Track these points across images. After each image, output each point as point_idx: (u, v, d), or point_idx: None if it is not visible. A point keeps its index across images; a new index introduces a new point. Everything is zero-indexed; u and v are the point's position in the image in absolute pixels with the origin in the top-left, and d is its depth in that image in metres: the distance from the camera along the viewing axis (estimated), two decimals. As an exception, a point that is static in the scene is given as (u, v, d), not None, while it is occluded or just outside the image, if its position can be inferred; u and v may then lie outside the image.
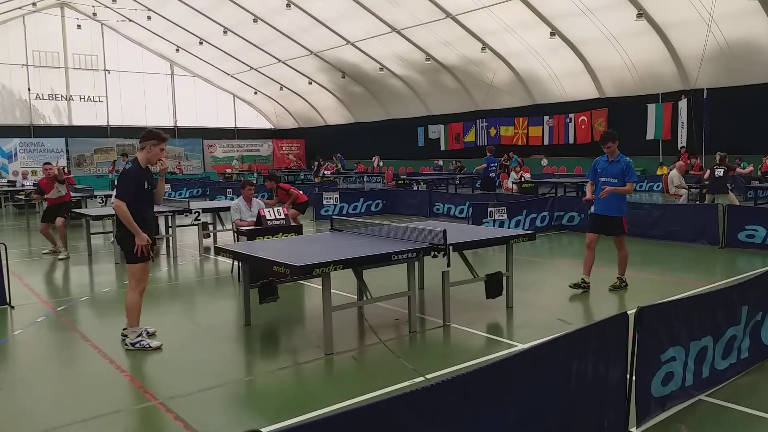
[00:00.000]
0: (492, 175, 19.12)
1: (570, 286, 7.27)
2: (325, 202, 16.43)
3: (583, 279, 7.27)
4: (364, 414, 2.45)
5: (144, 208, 5.53)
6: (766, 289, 4.76)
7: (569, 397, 3.30)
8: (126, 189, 5.37)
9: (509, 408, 2.98)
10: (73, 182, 13.30)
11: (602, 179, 7.27)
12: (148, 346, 5.50)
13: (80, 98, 35.73)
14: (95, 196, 16.65)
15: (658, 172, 22.61)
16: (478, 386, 2.83)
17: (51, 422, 4.12)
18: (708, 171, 14.01)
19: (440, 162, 31.14)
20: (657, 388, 3.85)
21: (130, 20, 33.49)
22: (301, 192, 11.58)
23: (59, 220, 11.00)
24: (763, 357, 4.85)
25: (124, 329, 5.70)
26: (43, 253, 11.13)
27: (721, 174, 13.09)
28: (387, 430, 2.49)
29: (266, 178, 11.54)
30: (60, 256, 10.78)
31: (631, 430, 3.70)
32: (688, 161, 22.51)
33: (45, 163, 11.93)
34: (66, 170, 26.39)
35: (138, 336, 5.53)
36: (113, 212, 10.77)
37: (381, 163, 32.82)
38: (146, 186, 5.52)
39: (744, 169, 16.63)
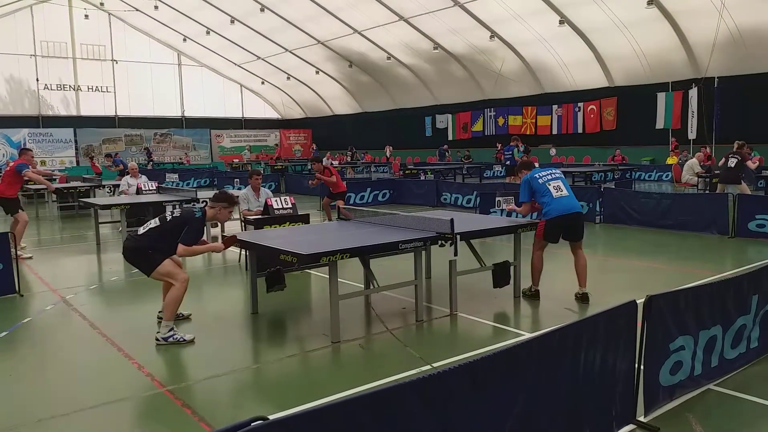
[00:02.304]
0: (508, 162, 19.16)
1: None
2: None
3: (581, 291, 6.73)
4: (371, 401, 2.44)
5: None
6: (777, 279, 4.71)
7: (577, 386, 3.28)
8: (193, 237, 5.50)
9: (516, 396, 2.96)
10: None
11: None
12: (182, 339, 5.40)
13: (88, 88, 35.81)
14: (103, 186, 16.75)
15: (668, 162, 22.43)
16: (485, 374, 2.82)
17: (59, 409, 4.15)
18: (723, 159, 13.84)
19: (446, 146, 30.79)
20: (665, 377, 3.82)
21: (137, 10, 33.47)
22: (343, 183, 12.32)
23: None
24: (773, 347, 4.81)
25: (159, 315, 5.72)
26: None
27: (734, 165, 12.93)
28: (393, 417, 2.48)
29: (312, 160, 13.04)
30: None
31: (638, 418, 3.69)
32: (677, 151, 22.39)
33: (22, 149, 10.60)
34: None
35: (170, 330, 5.41)
36: (121, 202, 10.74)
37: (390, 153, 32.71)
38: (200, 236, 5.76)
39: (753, 163, 16.45)
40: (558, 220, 6.39)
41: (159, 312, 6.04)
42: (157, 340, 5.40)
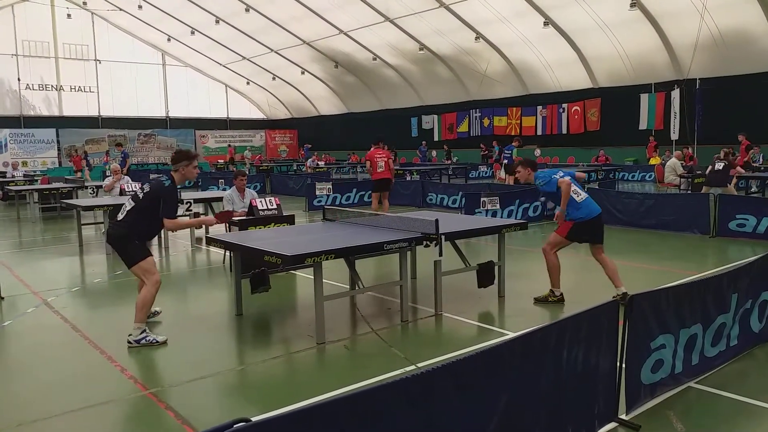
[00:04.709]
0: (506, 161, 19.31)
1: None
2: (317, 193, 16.39)
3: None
4: (354, 401, 2.45)
5: (160, 222, 5.62)
6: (756, 277, 4.79)
7: (560, 384, 3.31)
8: (173, 208, 5.56)
9: (499, 395, 2.98)
10: None
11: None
12: (154, 341, 5.35)
13: (71, 88, 35.42)
14: (86, 187, 16.58)
15: (651, 162, 22.68)
16: (468, 373, 2.84)
17: (41, 412, 4.11)
18: (710, 166, 14.08)
19: (424, 143, 30.81)
20: (647, 375, 3.87)
21: (120, 9, 33.16)
22: (391, 169, 12.39)
23: None
24: (751, 344, 4.89)
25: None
26: None
27: (721, 168, 13.17)
28: (377, 417, 2.49)
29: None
30: None
31: (620, 416, 3.72)
32: (655, 150, 22.69)
33: None
34: None
35: (142, 332, 5.36)
36: (104, 203, 10.68)
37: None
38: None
39: (739, 168, 16.65)
40: (591, 221, 6.23)
41: (157, 309, 6.07)
42: (129, 342, 5.34)
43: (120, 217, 5.55)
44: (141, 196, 5.52)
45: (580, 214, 6.25)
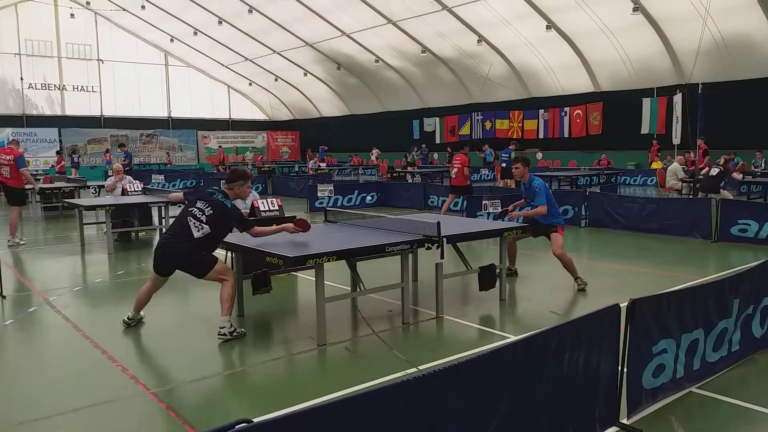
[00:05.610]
0: (504, 165, 19.39)
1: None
2: (319, 194, 16.40)
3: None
4: (354, 403, 2.45)
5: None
6: (758, 283, 4.79)
7: (561, 388, 3.31)
8: (244, 220, 5.88)
9: (500, 398, 2.98)
10: None
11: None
12: (243, 332, 5.59)
13: (73, 88, 35.49)
14: (88, 187, 16.60)
15: (653, 166, 22.68)
16: (469, 376, 2.84)
17: (42, 412, 4.11)
18: (706, 168, 14.13)
19: (426, 148, 30.95)
20: (648, 379, 3.87)
21: (123, 9, 33.24)
22: (465, 176, 13.10)
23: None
24: (753, 350, 4.88)
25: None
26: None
27: (715, 174, 13.18)
28: (377, 419, 2.49)
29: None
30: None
31: (622, 421, 3.72)
32: (657, 155, 22.74)
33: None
34: None
35: (231, 325, 5.52)
36: (106, 203, 10.69)
37: (376, 156, 32.45)
38: None
39: (738, 174, 16.67)
40: None
41: (129, 318, 5.96)
42: (224, 335, 5.42)
43: (174, 232, 5.61)
44: (204, 218, 5.50)
45: (561, 217, 7.54)
